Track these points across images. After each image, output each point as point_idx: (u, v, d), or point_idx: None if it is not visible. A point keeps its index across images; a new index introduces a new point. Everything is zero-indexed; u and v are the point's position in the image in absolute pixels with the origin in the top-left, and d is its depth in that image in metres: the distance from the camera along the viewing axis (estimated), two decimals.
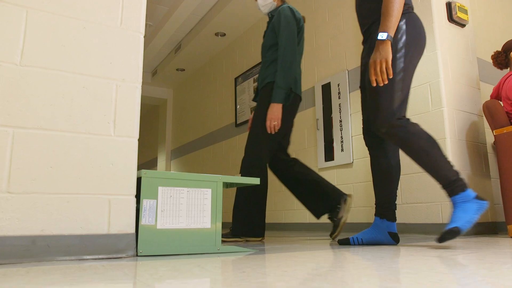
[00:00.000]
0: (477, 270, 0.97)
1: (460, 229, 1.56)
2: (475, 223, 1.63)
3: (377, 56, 1.67)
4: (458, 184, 1.65)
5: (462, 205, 1.63)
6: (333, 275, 0.91)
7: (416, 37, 1.81)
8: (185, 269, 1.05)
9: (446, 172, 1.66)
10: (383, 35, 1.67)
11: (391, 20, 1.68)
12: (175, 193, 1.53)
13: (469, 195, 1.64)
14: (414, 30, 1.81)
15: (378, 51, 1.67)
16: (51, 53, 1.35)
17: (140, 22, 1.55)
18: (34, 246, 1.21)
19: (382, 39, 1.67)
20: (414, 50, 1.80)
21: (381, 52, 1.66)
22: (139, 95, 1.51)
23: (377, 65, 1.67)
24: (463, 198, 1.64)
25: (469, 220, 1.59)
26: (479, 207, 1.63)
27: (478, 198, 1.65)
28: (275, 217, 4.36)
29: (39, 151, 1.28)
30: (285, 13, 2.40)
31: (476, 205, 1.63)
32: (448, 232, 1.56)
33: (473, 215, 1.61)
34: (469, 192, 1.65)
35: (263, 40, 2.57)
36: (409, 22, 1.81)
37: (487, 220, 2.68)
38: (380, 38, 1.67)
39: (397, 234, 1.88)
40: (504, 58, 2.71)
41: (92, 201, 1.34)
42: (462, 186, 1.65)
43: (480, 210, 1.63)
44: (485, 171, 2.78)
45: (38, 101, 1.31)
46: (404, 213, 2.77)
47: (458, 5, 2.82)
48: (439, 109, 2.62)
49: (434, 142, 1.70)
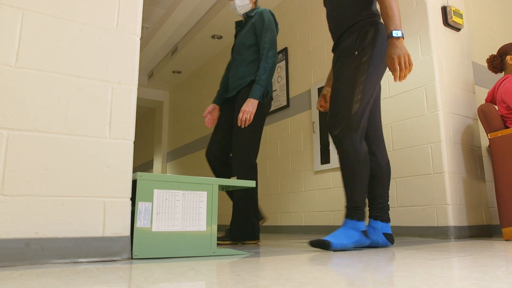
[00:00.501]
0: (472, 273, 0.98)
1: (331, 245, 1.65)
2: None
3: (399, 52, 1.69)
4: (358, 212, 1.76)
5: (349, 230, 1.74)
6: (328, 278, 0.91)
7: (384, 51, 1.86)
8: (180, 272, 1.04)
9: (357, 197, 1.77)
10: (397, 32, 1.71)
11: (396, 19, 1.74)
12: (170, 195, 1.52)
13: (360, 227, 1.76)
14: (383, 43, 1.86)
15: (398, 47, 1.70)
16: (46, 55, 1.35)
17: (136, 24, 1.55)
18: (28, 249, 1.21)
19: (398, 36, 1.71)
20: (379, 63, 1.85)
21: (401, 48, 1.69)
22: (135, 97, 1.50)
23: (401, 60, 1.68)
24: (354, 225, 1.75)
25: (344, 244, 1.69)
26: (359, 241, 1.74)
27: (365, 234, 1.76)
28: (271, 220, 4.36)
29: (34, 153, 1.28)
30: (268, 16, 2.49)
31: (358, 237, 1.74)
32: (321, 242, 1.66)
33: (349, 243, 1.71)
34: (361, 224, 1.77)
35: (237, 39, 2.62)
36: (378, 33, 1.86)
37: (482, 223, 2.70)
38: (396, 36, 1.70)
39: (391, 235, 1.90)
40: (500, 62, 2.73)
41: (87, 204, 1.34)
42: (360, 216, 1.77)
43: (358, 244, 1.74)
44: (480, 174, 2.80)
45: (33, 103, 1.30)
46: (399, 216, 2.77)
47: (454, 9, 2.84)
48: (435, 112, 2.63)
49: (366, 168, 1.79)
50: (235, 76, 2.55)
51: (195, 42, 5.68)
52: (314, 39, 4.06)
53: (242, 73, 2.52)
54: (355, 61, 1.82)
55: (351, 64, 1.82)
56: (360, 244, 1.74)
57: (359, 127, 1.78)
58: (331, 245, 1.64)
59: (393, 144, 2.87)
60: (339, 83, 1.85)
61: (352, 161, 1.76)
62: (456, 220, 2.50)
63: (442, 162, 2.55)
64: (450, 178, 2.55)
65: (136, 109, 1.53)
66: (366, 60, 1.81)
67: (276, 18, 4.78)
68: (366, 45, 1.82)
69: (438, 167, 2.57)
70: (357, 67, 1.81)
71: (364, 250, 1.72)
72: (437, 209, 2.55)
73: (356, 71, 1.80)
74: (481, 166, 2.83)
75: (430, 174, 2.61)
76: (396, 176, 2.82)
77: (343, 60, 1.88)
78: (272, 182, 4.42)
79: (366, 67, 1.80)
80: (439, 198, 2.54)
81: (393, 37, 1.70)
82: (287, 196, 4.16)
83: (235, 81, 2.54)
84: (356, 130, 1.77)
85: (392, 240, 1.88)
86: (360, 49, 1.82)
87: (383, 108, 2.98)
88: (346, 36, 1.91)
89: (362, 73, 1.80)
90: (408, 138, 2.78)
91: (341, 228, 1.75)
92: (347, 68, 1.83)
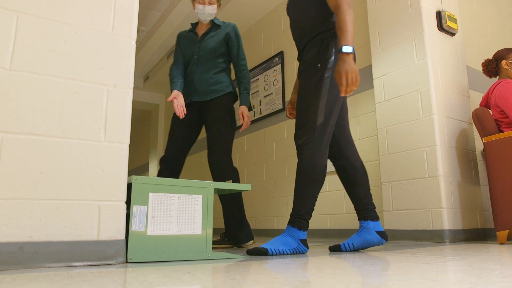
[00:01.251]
0: (467, 277, 0.98)
1: (267, 252, 1.70)
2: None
3: (347, 67, 1.70)
4: (301, 221, 1.80)
5: (287, 237, 1.78)
6: (323, 283, 0.91)
7: None
8: (175, 276, 1.04)
9: (304, 207, 1.80)
10: (348, 48, 1.71)
11: (349, 34, 1.74)
12: (166, 199, 1.52)
13: (299, 235, 1.79)
14: None
15: (346, 63, 1.70)
16: (41, 58, 1.34)
17: (132, 27, 1.55)
18: (21, 253, 1.20)
19: (348, 52, 1.71)
20: None
21: (349, 64, 1.70)
22: (131, 100, 1.50)
23: (348, 75, 1.69)
24: (293, 233, 1.79)
25: (280, 250, 1.73)
26: (296, 249, 1.77)
27: (303, 242, 1.79)
28: (267, 223, 4.36)
29: (28, 156, 1.27)
30: (239, 32, 2.65)
31: (295, 246, 1.77)
32: (258, 249, 1.71)
33: (286, 249, 1.75)
34: (302, 233, 1.80)
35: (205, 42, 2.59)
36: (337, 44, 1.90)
37: (477, 227, 2.71)
38: (346, 51, 1.71)
39: (384, 232, 1.92)
40: (495, 66, 2.75)
41: (82, 207, 1.33)
42: (301, 225, 1.80)
43: (295, 251, 1.77)
44: (475, 178, 2.81)
45: (28, 106, 1.30)
46: (394, 219, 2.78)
47: (448, 14, 2.86)
48: (430, 116, 2.64)
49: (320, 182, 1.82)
50: (208, 81, 2.55)
51: None
52: None
53: (215, 80, 2.53)
54: (318, 73, 1.86)
55: (314, 77, 1.86)
56: (298, 251, 1.78)
57: (323, 139, 1.82)
58: (268, 253, 1.70)
59: (388, 148, 2.88)
60: (304, 95, 1.89)
61: (307, 175, 1.80)
62: (451, 223, 2.51)
63: (437, 166, 2.56)
64: (445, 182, 2.56)
65: (132, 112, 1.52)
66: (328, 73, 1.85)
67: (273, 21, 4.81)
68: (327, 57, 1.86)
69: (433, 170, 2.58)
70: (320, 79, 1.85)
71: (359, 254, 1.72)
72: (432, 213, 2.56)
73: (319, 84, 1.84)
74: (475, 169, 2.84)
75: (425, 177, 2.62)
76: (391, 180, 2.83)
77: (306, 73, 1.92)
78: (268, 185, 4.42)
79: (329, 80, 1.84)
80: (434, 201, 2.55)
81: (343, 52, 1.71)
82: (283, 200, 4.16)
83: (208, 86, 2.52)
84: (319, 142, 1.81)
85: (386, 237, 1.92)
86: (322, 61, 1.86)
87: (378, 112, 2.99)
88: (308, 48, 1.95)
89: (325, 85, 1.84)
90: (403, 142, 2.79)
91: (281, 235, 1.79)
92: (310, 80, 1.87)
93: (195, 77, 2.55)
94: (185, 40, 2.65)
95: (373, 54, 3.08)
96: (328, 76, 1.84)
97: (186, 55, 2.61)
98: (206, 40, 2.59)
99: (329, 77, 1.84)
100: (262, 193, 4.50)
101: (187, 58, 2.61)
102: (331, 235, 3.49)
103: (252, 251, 1.72)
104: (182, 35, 2.69)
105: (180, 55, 2.64)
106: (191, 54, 2.60)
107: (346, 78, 1.69)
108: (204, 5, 2.53)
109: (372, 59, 3.09)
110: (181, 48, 2.65)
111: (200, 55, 2.57)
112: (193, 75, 2.56)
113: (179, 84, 2.51)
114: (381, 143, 2.94)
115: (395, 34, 2.93)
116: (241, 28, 5.22)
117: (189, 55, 2.60)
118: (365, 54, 3.38)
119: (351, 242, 1.90)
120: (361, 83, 3.41)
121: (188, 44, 2.63)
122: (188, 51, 2.61)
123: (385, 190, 2.87)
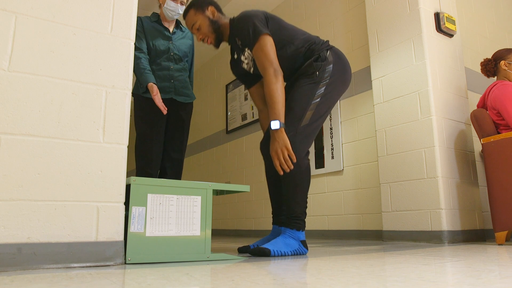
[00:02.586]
0: (465, 278, 0.98)
1: (271, 252, 1.67)
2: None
3: (277, 146, 1.68)
4: (298, 222, 1.78)
5: (288, 239, 1.76)
6: (322, 284, 0.91)
7: (342, 69, 1.91)
8: (174, 277, 1.04)
9: (298, 208, 1.78)
10: (275, 123, 1.69)
11: (278, 108, 1.71)
12: (164, 200, 1.52)
13: (299, 236, 1.78)
14: (339, 61, 1.92)
15: (276, 141, 1.68)
16: (40, 59, 1.34)
17: (130, 28, 1.55)
18: (20, 254, 1.19)
19: (276, 128, 1.68)
20: (337, 80, 1.89)
21: (279, 141, 1.68)
22: (129, 101, 1.50)
23: (279, 155, 1.67)
24: (293, 235, 1.77)
25: (283, 252, 1.71)
26: (297, 250, 1.76)
27: (303, 243, 1.78)
28: (266, 224, 4.35)
29: (27, 157, 1.27)
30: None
31: (297, 247, 1.76)
32: (261, 250, 1.68)
33: (288, 251, 1.73)
34: (301, 234, 1.79)
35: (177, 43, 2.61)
36: (334, 54, 1.92)
37: (475, 228, 2.71)
38: (274, 128, 1.68)
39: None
40: (493, 66, 2.74)
41: (80, 208, 1.33)
42: (300, 226, 1.78)
43: (297, 253, 1.76)
44: (473, 179, 2.82)
45: (26, 107, 1.29)
46: (393, 220, 2.78)
47: (446, 16, 2.87)
48: (428, 117, 2.65)
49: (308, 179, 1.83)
50: (184, 84, 2.60)
51: None
52: None
53: (187, 85, 2.63)
54: (315, 79, 1.86)
55: (310, 82, 1.86)
56: (298, 253, 1.77)
57: (307, 141, 1.82)
58: (271, 253, 1.68)
59: (387, 149, 2.88)
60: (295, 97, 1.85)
61: (295, 174, 1.78)
62: (449, 224, 2.51)
63: (435, 167, 2.57)
64: (444, 183, 2.56)
65: (130, 113, 1.52)
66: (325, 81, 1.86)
67: None
68: (323, 65, 1.87)
69: (432, 171, 2.58)
70: (316, 85, 1.85)
71: (357, 255, 1.72)
72: (431, 214, 2.56)
73: (313, 89, 1.84)
74: (474, 170, 2.85)
75: (424, 178, 2.63)
76: (390, 181, 2.83)
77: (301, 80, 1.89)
78: (266, 186, 4.41)
79: (324, 88, 1.85)
80: (433, 202, 2.55)
81: (271, 129, 1.68)
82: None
83: (184, 89, 2.59)
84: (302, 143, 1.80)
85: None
86: (320, 70, 1.87)
87: (377, 113, 3.00)
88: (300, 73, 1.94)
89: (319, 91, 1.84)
90: (401, 143, 2.79)
91: (281, 237, 1.77)
92: (305, 84, 1.86)
93: (173, 74, 2.55)
94: (153, 30, 2.56)
95: (372, 56, 3.09)
96: (324, 84, 1.85)
97: (158, 48, 2.53)
98: (178, 40, 2.62)
99: (324, 85, 1.85)
100: (260, 194, 4.50)
101: (158, 52, 2.53)
102: (330, 236, 3.49)
103: (255, 252, 1.71)
104: (147, 23, 2.57)
105: (144, 42, 2.51)
106: (165, 48, 2.55)
107: (277, 158, 1.66)
108: (177, 3, 2.54)
109: (371, 60, 3.09)
110: (146, 36, 2.54)
111: (175, 53, 2.57)
112: (170, 71, 2.55)
113: (153, 77, 2.43)
114: (379, 144, 2.95)
115: (393, 35, 2.94)
116: None
117: (163, 49, 2.54)
118: (364, 56, 3.39)
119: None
120: (360, 84, 3.41)
121: (158, 35, 2.56)
122: (160, 45, 2.54)
123: (383, 191, 2.87)
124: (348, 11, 3.66)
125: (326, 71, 1.87)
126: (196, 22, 2.02)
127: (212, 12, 2.03)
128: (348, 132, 3.46)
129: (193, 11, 2.03)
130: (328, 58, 1.89)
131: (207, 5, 2.04)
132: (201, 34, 2.04)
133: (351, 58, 3.53)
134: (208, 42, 2.06)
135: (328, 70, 1.87)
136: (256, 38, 1.84)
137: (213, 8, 2.04)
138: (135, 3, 1.58)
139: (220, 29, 2.04)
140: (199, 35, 2.05)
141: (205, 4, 2.03)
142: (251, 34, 1.85)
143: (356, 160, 3.34)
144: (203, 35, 2.04)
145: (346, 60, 1.98)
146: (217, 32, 2.04)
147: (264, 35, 1.84)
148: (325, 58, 1.89)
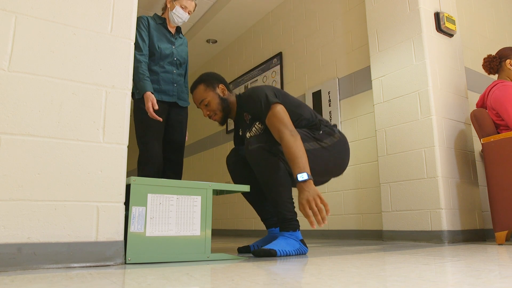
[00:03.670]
0: (465, 278, 0.98)
1: (276, 253, 1.67)
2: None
3: (308, 195, 1.60)
4: (293, 222, 1.79)
5: (289, 239, 1.76)
6: (322, 284, 0.91)
7: (342, 151, 1.98)
8: (174, 277, 1.04)
9: (286, 210, 1.78)
10: (303, 175, 1.62)
11: (302, 162, 1.66)
12: (164, 200, 1.52)
13: (297, 236, 1.79)
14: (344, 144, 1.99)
15: (306, 191, 1.61)
16: (40, 59, 1.34)
17: (130, 28, 1.55)
18: (20, 254, 1.19)
19: (304, 179, 1.62)
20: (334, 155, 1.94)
21: (309, 191, 1.61)
22: (129, 101, 1.50)
23: (311, 203, 1.58)
24: (291, 235, 1.78)
25: (287, 251, 1.71)
26: (299, 249, 1.76)
27: (303, 243, 1.78)
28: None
29: (27, 157, 1.27)
30: None
31: (298, 246, 1.76)
32: (266, 251, 1.66)
33: (291, 250, 1.73)
34: (298, 233, 1.79)
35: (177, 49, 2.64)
36: (342, 135, 2.00)
37: (475, 228, 2.71)
38: (301, 180, 1.62)
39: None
40: (498, 63, 2.72)
41: (80, 208, 1.33)
42: (295, 226, 1.79)
43: (299, 252, 1.76)
44: (473, 179, 2.81)
45: (26, 107, 1.29)
46: (393, 220, 2.78)
47: (446, 15, 2.87)
48: (428, 117, 2.65)
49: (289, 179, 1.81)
50: (182, 88, 2.65)
51: (190, 46, 5.67)
52: (308, 44, 4.07)
53: (185, 90, 2.69)
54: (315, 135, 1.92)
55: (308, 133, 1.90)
56: (301, 252, 1.76)
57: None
58: (276, 253, 1.67)
59: (387, 149, 2.88)
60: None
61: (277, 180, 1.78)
62: (449, 224, 2.51)
63: (435, 167, 2.57)
64: (444, 183, 2.56)
65: (130, 113, 1.52)
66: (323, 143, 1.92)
67: (271, 22, 4.82)
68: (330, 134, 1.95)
69: (432, 171, 2.58)
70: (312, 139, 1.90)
71: (357, 255, 1.72)
72: (431, 214, 2.56)
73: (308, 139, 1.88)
74: (474, 170, 2.85)
75: (424, 178, 2.63)
76: (390, 181, 2.83)
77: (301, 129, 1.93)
78: None
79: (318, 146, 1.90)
80: (433, 202, 2.55)
81: (299, 181, 1.63)
82: None
83: (183, 93, 2.65)
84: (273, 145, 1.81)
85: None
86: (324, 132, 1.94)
87: (377, 113, 3.00)
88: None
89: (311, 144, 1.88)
90: (401, 143, 2.79)
91: (281, 238, 1.76)
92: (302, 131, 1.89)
93: (176, 78, 2.59)
94: (159, 32, 2.57)
95: (372, 55, 3.09)
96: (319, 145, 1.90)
97: (164, 52, 2.53)
98: (179, 46, 2.66)
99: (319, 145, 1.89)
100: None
101: (163, 55, 2.53)
102: (330, 236, 3.49)
103: (260, 253, 1.67)
104: (153, 23, 2.56)
105: (146, 43, 2.48)
106: (169, 53, 2.56)
107: (310, 207, 1.58)
108: (185, 11, 2.59)
109: (371, 60, 3.09)
110: (151, 36, 2.51)
111: (177, 58, 2.61)
112: (173, 75, 2.58)
113: (151, 85, 2.41)
114: (379, 144, 2.95)
115: (393, 35, 2.94)
116: (240, 29, 5.22)
117: (168, 53, 2.55)
118: (364, 55, 3.39)
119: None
120: (359, 84, 3.41)
121: (163, 38, 2.57)
122: (165, 48, 2.55)
123: (383, 191, 2.87)
124: (348, 11, 3.66)
125: (329, 138, 1.91)
126: (206, 98, 2.00)
127: (222, 90, 2.03)
128: (348, 132, 3.45)
129: (203, 87, 2.01)
130: (336, 132, 1.95)
131: (218, 82, 2.03)
132: (209, 110, 2.02)
133: (351, 58, 3.53)
134: (214, 118, 2.04)
135: (331, 139, 1.92)
136: (268, 107, 1.82)
137: (223, 86, 2.03)
138: (135, 3, 1.59)
139: (229, 106, 2.04)
140: (206, 111, 2.03)
141: (216, 82, 2.03)
142: (263, 105, 1.84)
143: (356, 160, 3.34)
144: (211, 112, 2.03)
145: (348, 150, 2.03)
146: (225, 110, 2.03)
147: (276, 103, 1.83)
148: (333, 132, 1.94)
